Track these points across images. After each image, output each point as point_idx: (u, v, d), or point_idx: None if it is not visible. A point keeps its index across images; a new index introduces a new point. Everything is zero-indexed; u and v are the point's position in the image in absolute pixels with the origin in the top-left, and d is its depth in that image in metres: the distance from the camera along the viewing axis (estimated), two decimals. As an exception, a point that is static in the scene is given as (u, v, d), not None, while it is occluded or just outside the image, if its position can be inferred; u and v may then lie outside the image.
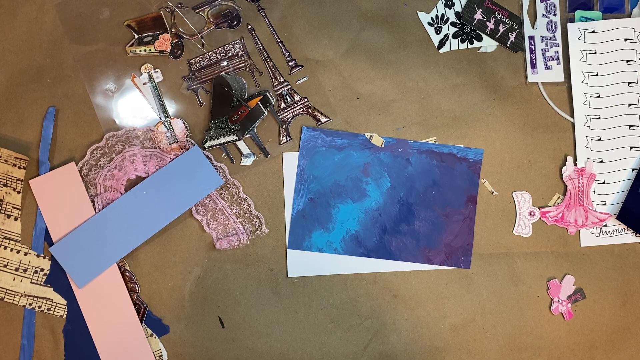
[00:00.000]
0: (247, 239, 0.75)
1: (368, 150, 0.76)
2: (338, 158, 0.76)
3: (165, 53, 0.75)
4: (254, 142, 0.75)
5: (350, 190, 0.76)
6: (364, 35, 0.77)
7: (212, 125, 0.75)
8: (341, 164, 0.76)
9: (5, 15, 0.75)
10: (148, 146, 0.73)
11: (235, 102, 0.75)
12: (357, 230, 0.76)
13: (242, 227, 0.75)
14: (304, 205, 0.76)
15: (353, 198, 0.76)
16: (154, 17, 0.75)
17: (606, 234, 0.77)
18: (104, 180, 0.73)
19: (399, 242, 0.76)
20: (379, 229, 0.76)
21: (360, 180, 0.76)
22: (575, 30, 0.76)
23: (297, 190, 0.75)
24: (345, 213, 0.76)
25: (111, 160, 0.74)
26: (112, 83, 0.75)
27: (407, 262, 0.76)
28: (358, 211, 0.76)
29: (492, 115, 0.77)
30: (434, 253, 0.77)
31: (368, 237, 0.76)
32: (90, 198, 0.73)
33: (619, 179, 0.77)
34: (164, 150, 0.73)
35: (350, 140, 0.76)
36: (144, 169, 0.73)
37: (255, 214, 0.75)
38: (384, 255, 0.76)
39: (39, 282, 0.73)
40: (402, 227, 0.76)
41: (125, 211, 0.72)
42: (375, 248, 0.76)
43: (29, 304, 0.73)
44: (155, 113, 0.75)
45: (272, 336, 0.75)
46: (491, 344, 0.77)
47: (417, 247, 0.76)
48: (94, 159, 0.73)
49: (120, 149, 0.74)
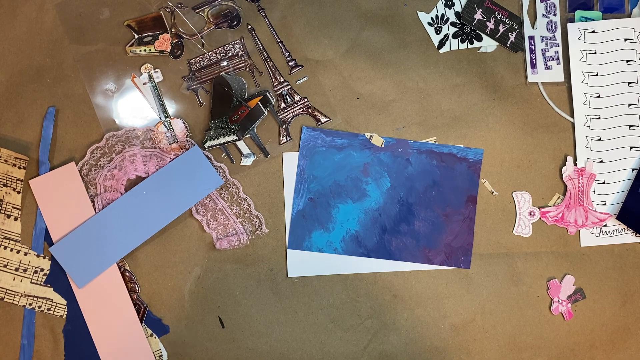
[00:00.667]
0: (247, 239, 0.75)
1: (368, 150, 0.76)
2: (338, 158, 0.76)
3: (165, 53, 0.74)
4: (254, 142, 0.75)
5: (350, 190, 0.76)
6: (364, 35, 0.77)
7: (212, 125, 0.75)
8: (341, 164, 0.76)
9: (5, 15, 0.74)
10: (148, 146, 0.73)
11: (235, 102, 0.75)
12: (357, 230, 0.76)
13: (242, 227, 0.75)
14: (304, 205, 0.76)
15: (353, 198, 0.76)
16: (154, 17, 0.74)
17: (606, 234, 0.77)
18: (104, 180, 0.73)
19: (399, 242, 0.76)
20: (379, 229, 0.76)
21: (360, 180, 0.76)
22: (575, 30, 0.76)
23: (297, 190, 0.75)
24: (345, 213, 0.76)
25: (111, 160, 0.74)
26: (112, 83, 0.75)
27: (407, 262, 0.76)
28: (358, 211, 0.76)
29: (492, 115, 0.77)
30: (434, 253, 0.76)
31: (368, 237, 0.76)
32: (90, 198, 0.73)
33: (619, 179, 0.77)
34: (164, 150, 0.73)
35: (350, 140, 0.76)
36: (144, 169, 0.73)
37: (255, 214, 0.75)
38: (384, 255, 0.76)
39: (39, 282, 0.73)
40: (402, 227, 0.76)
41: (125, 211, 0.72)
42: (375, 248, 0.76)
43: (29, 304, 0.73)
44: (155, 113, 0.75)
45: (272, 336, 0.75)
46: (491, 344, 0.77)
47: (417, 247, 0.76)
48: (93, 159, 0.73)
49: (120, 149, 0.74)
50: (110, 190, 0.73)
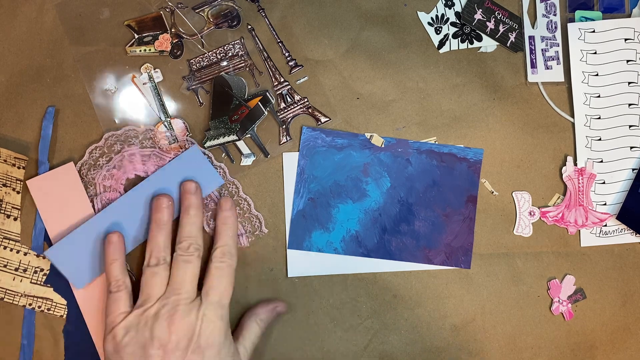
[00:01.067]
0: (247, 241, 0.75)
1: (368, 150, 0.76)
2: (338, 158, 0.76)
3: (165, 53, 0.74)
4: (254, 142, 0.75)
5: (350, 190, 0.76)
6: (364, 35, 0.77)
7: (212, 125, 0.75)
8: (341, 164, 0.76)
9: (5, 15, 0.74)
10: (147, 146, 0.73)
11: (235, 102, 0.75)
12: (357, 230, 0.76)
13: (242, 227, 0.75)
14: (304, 205, 0.75)
15: (353, 198, 0.76)
16: (154, 17, 0.74)
17: (606, 234, 0.77)
18: (103, 180, 0.73)
19: (399, 242, 0.76)
20: (379, 229, 0.76)
21: (360, 180, 0.76)
22: (575, 30, 0.76)
23: (297, 190, 0.75)
24: (345, 213, 0.76)
25: (110, 160, 0.74)
26: (112, 83, 0.75)
27: (407, 262, 0.76)
28: (358, 211, 0.76)
29: (492, 115, 0.77)
30: (434, 253, 0.76)
31: (368, 237, 0.76)
32: (90, 198, 0.73)
33: (619, 179, 0.77)
34: (163, 150, 0.73)
35: (350, 140, 0.76)
36: (143, 169, 0.73)
37: (255, 214, 0.75)
38: (384, 255, 0.76)
39: (39, 282, 0.73)
40: (402, 227, 0.76)
41: (124, 212, 0.71)
42: (376, 248, 0.76)
43: (29, 304, 0.73)
44: (155, 113, 0.75)
45: (271, 336, 0.75)
46: (491, 344, 0.77)
47: (417, 247, 0.76)
48: (92, 159, 0.73)
49: (119, 148, 0.74)
50: (110, 190, 0.73)
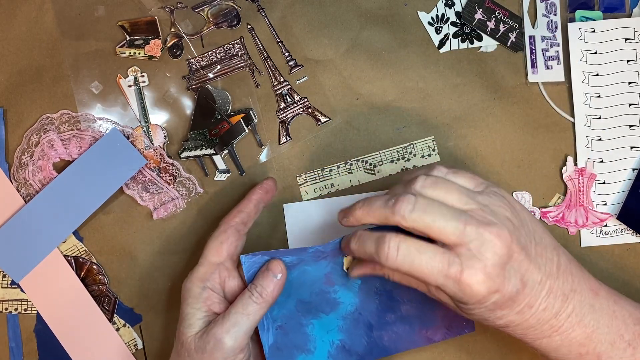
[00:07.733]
0: (183, 202, 0.74)
1: (324, 261, 0.65)
2: (292, 277, 0.65)
3: (154, 58, 0.74)
4: (230, 158, 0.75)
5: (319, 304, 0.67)
6: (364, 35, 0.76)
7: (190, 136, 0.74)
8: (298, 282, 0.66)
9: (5, 15, 0.74)
10: (65, 130, 0.73)
11: (218, 116, 0.74)
12: (342, 339, 0.68)
13: (177, 192, 0.74)
14: (274, 337, 0.66)
15: (325, 311, 0.67)
16: (148, 21, 0.74)
17: (606, 234, 0.77)
18: (34, 175, 0.73)
19: (391, 333, 0.68)
20: (364, 329, 0.68)
21: (327, 292, 0.67)
22: (575, 30, 0.76)
23: (261, 324, 0.65)
24: (321, 327, 0.67)
25: (32, 154, 0.74)
26: (97, 82, 0.74)
27: (407, 350, 0.69)
28: (335, 320, 0.67)
29: (492, 115, 0.77)
30: (433, 331, 0.70)
31: (356, 342, 0.68)
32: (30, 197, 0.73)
33: (620, 179, 0.77)
34: (81, 130, 0.73)
35: (299, 257, 0.65)
36: (66, 152, 0.73)
37: (187, 176, 0.74)
38: (380, 353, 0.68)
39: (8, 285, 0.74)
40: (388, 317, 0.68)
41: (54, 199, 0.72)
42: (368, 350, 0.68)
43: (5, 309, 0.74)
44: (135, 117, 0.74)
45: None
46: (491, 344, 0.77)
47: (413, 332, 0.69)
48: (17, 160, 0.74)
49: (37, 139, 0.74)
50: (46, 182, 0.73)
